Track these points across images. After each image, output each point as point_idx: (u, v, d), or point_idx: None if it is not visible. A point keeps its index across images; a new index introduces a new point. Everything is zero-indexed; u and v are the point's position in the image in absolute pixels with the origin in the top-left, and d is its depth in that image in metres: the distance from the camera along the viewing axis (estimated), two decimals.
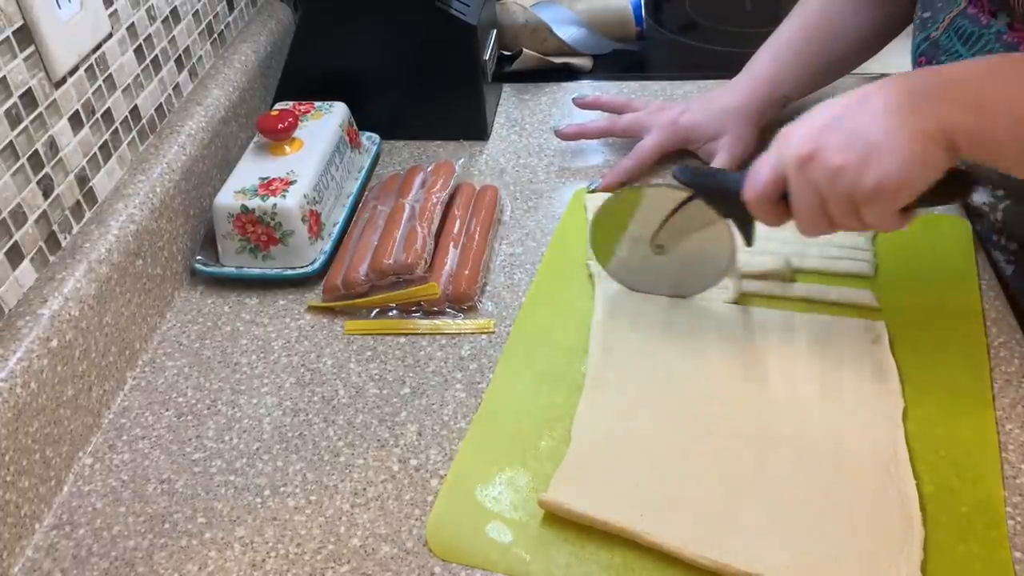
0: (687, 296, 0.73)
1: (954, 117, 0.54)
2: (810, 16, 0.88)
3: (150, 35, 0.82)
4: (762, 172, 0.61)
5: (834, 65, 0.90)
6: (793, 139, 0.59)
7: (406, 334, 0.74)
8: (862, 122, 0.56)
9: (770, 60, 0.89)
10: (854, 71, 0.93)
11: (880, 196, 0.56)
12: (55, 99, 0.68)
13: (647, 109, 0.92)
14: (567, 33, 1.10)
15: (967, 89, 0.55)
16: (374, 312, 0.76)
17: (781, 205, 0.61)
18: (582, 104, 0.95)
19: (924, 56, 0.72)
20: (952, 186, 0.57)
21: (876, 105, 0.56)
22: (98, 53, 0.74)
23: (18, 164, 0.64)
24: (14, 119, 0.64)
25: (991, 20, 0.65)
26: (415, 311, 0.76)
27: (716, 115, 0.88)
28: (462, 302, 0.75)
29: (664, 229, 0.69)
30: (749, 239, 0.66)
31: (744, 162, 0.88)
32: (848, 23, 0.87)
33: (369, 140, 0.96)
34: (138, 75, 0.80)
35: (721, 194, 0.65)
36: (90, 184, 0.73)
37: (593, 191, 0.87)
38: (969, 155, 0.55)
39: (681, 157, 0.90)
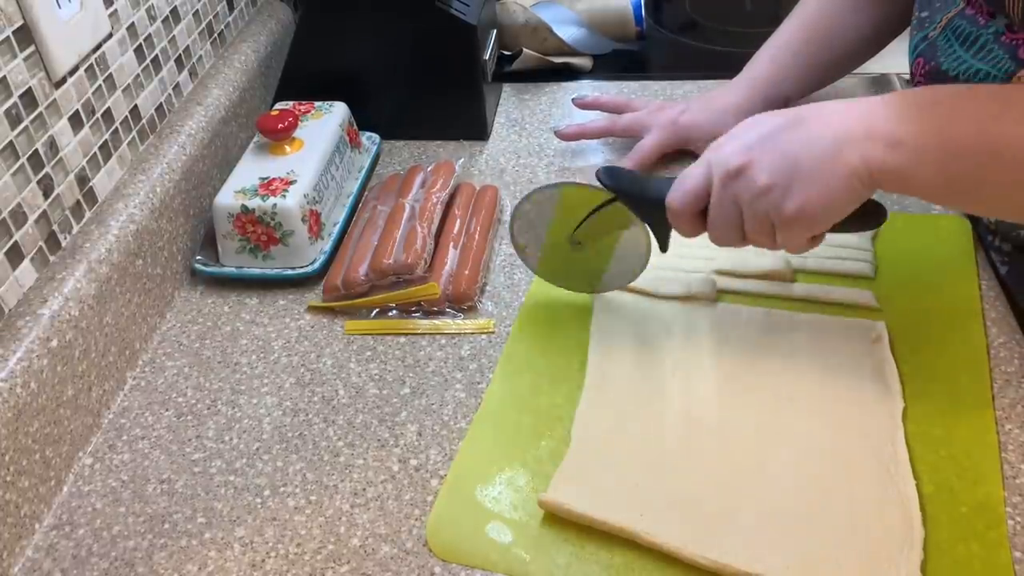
0: (596, 293, 0.74)
1: (878, 155, 0.55)
2: (810, 17, 0.88)
3: (150, 35, 0.82)
4: (688, 182, 0.61)
5: (834, 66, 0.90)
6: (724, 151, 0.60)
7: (406, 334, 0.74)
8: (794, 147, 0.57)
9: (769, 61, 0.89)
10: (854, 71, 0.93)
11: (798, 222, 0.57)
12: (55, 99, 0.68)
13: (647, 109, 0.92)
14: (567, 33, 1.10)
15: (895, 126, 0.55)
16: (374, 312, 0.76)
17: (699, 216, 0.62)
18: (582, 104, 0.95)
19: (922, 57, 0.72)
20: (866, 216, 0.60)
21: (811, 132, 0.57)
22: (98, 53, 0.74)
23: (18, 164, 0.64)
24: (14, 119, 0.64)
25: (989, 20, 0.65)
26: (415, 311, 0.76)
27: (716, 115, 0.88)
28: (462, 302, 0.75)
29: (583, 227, 0.69)
30: (664, 245, 0.67)
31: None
32: (848, 24, 0.87)
33: (369, 140, 0.96)
34: (138, 75, 0.80)
35: (642, 199, 0.65)
36: (90, 184, 0.73)
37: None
38: (892, 190, 0.57)
39: (682, 157, 0.91)
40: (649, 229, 0.67)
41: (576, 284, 0.75)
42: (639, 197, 0.66)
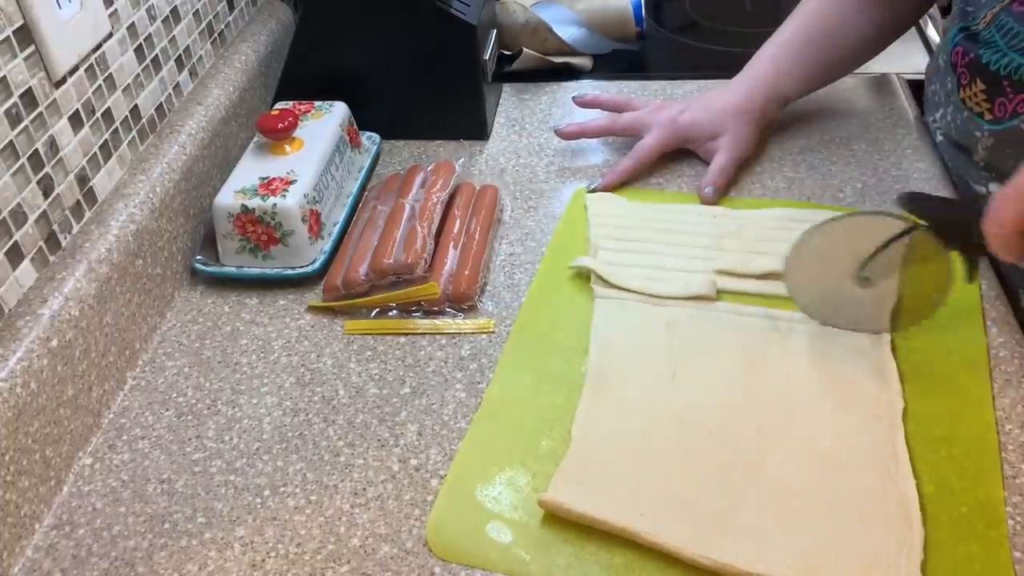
0: (888, 333, 0.67)
1: None
2: (810, 17, 0.88)
3: (150, 35, 0.82)
4: (1013, 202, 0.55)
5: (834, 66, 0.90)
6: None
7: (406, 334, 0.74)
8: None
9: (769, 61, 0.89)
10: (855, 71, 0.94)
11: None
12: (55, 99, 0.68)
13: (647, 108, 0.92)
14: (567, 33, 1.10)
15: None
16: (374, 312, 0.76)
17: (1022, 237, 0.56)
18: (582, 103, 0.95)
19: (961, 47, 0.71)
20: None
21: None
22: (98, 53, 0.74)
23: (18, 164, 0.64)
24: (14, 119, 0.64)
25: None
26: (415, 311, 0.76)
27: (716, 114, 0.88)
28: (462, 302, 0.75)
29: (875, 260, 0.63)
30: (972, 275, 0.61)
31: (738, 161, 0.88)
32: (849, 24, 0.87)
33: (369, 140, 0.96)
34: (138, 75, 0.80)
35: (951, 224, 0.60)
36: (90, 184, 0.73)
37: (593, 191, 0.87)
38: None
39: (682, 156, 0.91)
40: (958, 258, 0.60)
41: (859, 323, 0.68)
42: (947, 223, 0.60)
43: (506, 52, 1.09)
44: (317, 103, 0.91)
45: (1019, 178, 0.56)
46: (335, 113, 0.89)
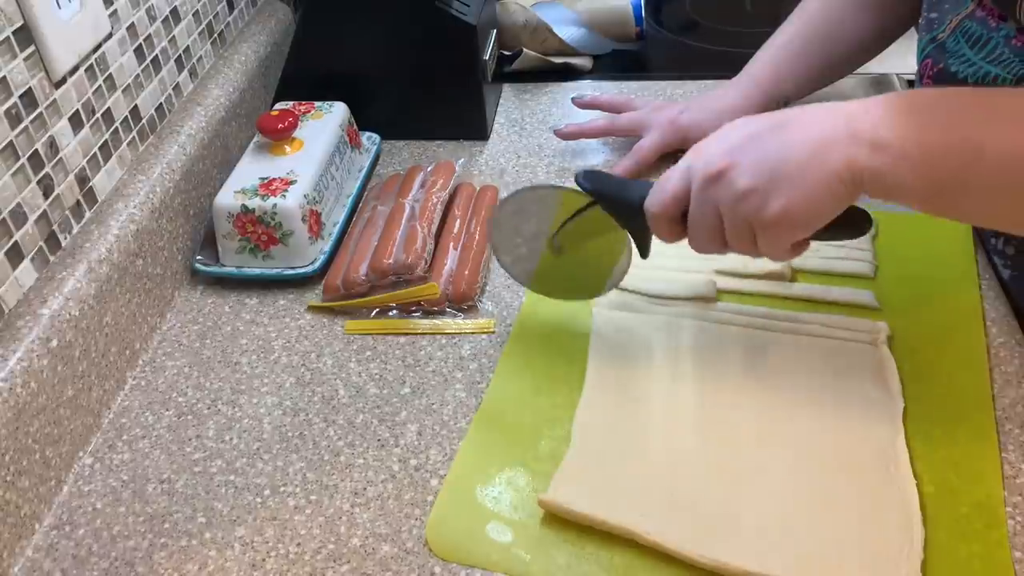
0: (578, 299, 0.72)
1: (862, 158, 0.53)
2: (810, 17, 0.88)
3: (150, 35, 0.82)
4: (668, 186, 0.60)
5: (834, 66, 0.90)
6: (704, 154, 0.58)
7: (406, 334, 0.74)
8: (776, 149, 0.55)
9: (769, 61, 0.89)
10: (854, 71, 0.93)
11: (779, 227, 0.55)
12: (55, 99, 0.68)
13: (646, 108, 0.92)
14: (567, 33, 1.10)
15: (881, 128, 0.53)
16: (374, 312, 0.76)
17: (679, 221, 0.60)
18: (581, 104, 0.95)
19: (930, 58, 0.71)
20: (850, 223, 0.57)
21: (794, 134, 0.55)
22: (98, 53, 0.74)
23: (18, 164, 0.64)
24: (14, 119, 0.64)
25: (1000, 23, 0.64)
26: (415, 311, 0.76)
27: (715, 115, 0.88)
28: (462, 302, 0.75)
29: (563, 231, 0.67)
30: (645, 251, 0.65)
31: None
32: (848, 25, 0.87)
33: (369, 140, 0.96)
34: (138, 75, 0.80)
35: (621, 204, 0.64)
36: (90, 184, 0.73)
37: None
38: (876, 196, 0.54)
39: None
40: (630, 234, 0.65)
41: (557, 291, 0.73)
42: (618, 201, 0.64)
43: (506, 52, 1.09)
44: (317, 103, 0.91)
45: (681, 161, 0.59)
46: (335, 113, 0.89)
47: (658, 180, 0.61)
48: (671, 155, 0.90)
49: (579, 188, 0.65)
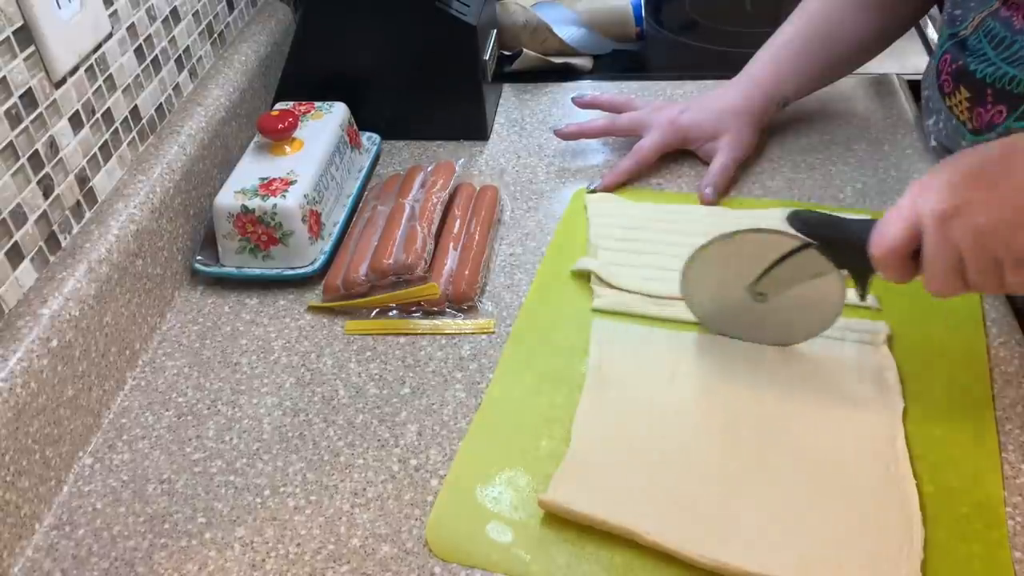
0: (785, 345, 0.68)
1: None
2: (810, 17, 0.88)
3: (150, 35, 0.82)
4: (894, 226, 0.56)
5: (834, 66, 0.90)
6: (932, 192, 0.54)
7: (406, 334, 0.74)
8: (1012, 178, 0.52)
9: (769, 61, 0.89)
10: (855, 71, 0.93)
11: None
12: (55, 99, 0.68)
13: (646, 108, 0.92)
14: (567, 33, 1.10)
15: None
16: (374, 312, 0.76)
17: (912, 261, 0.57)
18: (581, 103, 0.95)
19: (949, 54, 0.70)
20: None
21: None
22: (98, 53, 0.74)
23: (18, 164, 0.64)
24: (14, 119, 0.64)
25: None
26: (415, 311, 0.76)
27: (715, 115, 0.88)
28: (462, 302, 0.75)
29: (768, 277, 0.64)
30: (863, 293, 0.62)
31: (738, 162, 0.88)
32: (848, 25, 0.87)
33: (369, 140, 0.96)
34: (138, 75, 0.80)
35: (840, 244, 0.60)
36: (90, 184, 0.73)
37: (593, 191, 0.87)
38: None
39: (682, 157, 0.91)
40: (848, 276, 0.61)
41: (758, 335, 0.69)
42: (838, 242, 0.60)
43: (506, 52, 1.09)
44: (317, 103, 0.91)
45: (903, 201, 0.56)
46: (335, 113, 0.89)
47: (881, 219, 0.57)
48: (671, 155, 0.90)
49: (786, 229, 0.61)
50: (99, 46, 0.74)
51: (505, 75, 1.08)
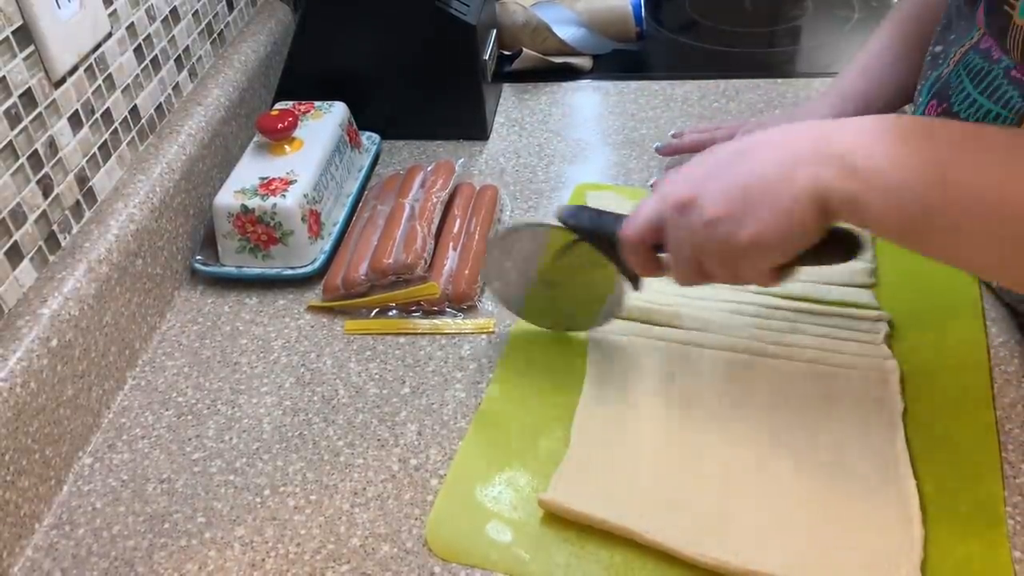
0: (573, 331, 0.71)
1: (828, 178, 0.50)
2: (903, 26, 0.82)
3: (150, 35, 0.82)
4: (639, 217, 0.58)
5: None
6: (678, 182, 0.56)
7: (406, 334, 0.74)
8: (745, 173, 0.53)
9: (859, 75, 0.83)
10: None
11: (754, 252, 0.53)
12: (55, 99, 0.68)
13: (744, 127, 0.86)
14: (567, 33, 1.10)
15: (851, 150, 0.50)
16: (374, 312, 0.76)
17: (656, 255, 0.58)
18: (665, 152, 0.90)
19: (935, 98, 0.66)
20: (837, 247, 0.55)
21: (762, 156, 0.53)
22: (98, 53, 0.74)
23: (18, 164, 0.64)
24: (14, 119, 0.64)
25: (1002, 55, 0.60)
26: (415, 311, 0.76)
27: None
28: (462, 302, 0.75)
29: (552, 267, 0.66)
30: (636, 284, 0.63)
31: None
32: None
33: (369, 140, 0.96)
34: (138, 75, 0.80)
35: (602, 238, 0.62)
36: (90, 184, 0.73)
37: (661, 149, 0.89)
38: (847, 221, 0.51)
39: (683, 157, 0.90)
40: (617, 268, 0.63)
41: (547, 321, 0.72)
42: (598, 235, 0.62)
43: (506, 52, 1.09)
44: (317, 103, 0.91)
45: (655, 191, 0.57)
46: (335, 113, 0.89)
47: (633, 212, 0.59)
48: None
49: (563, 224, 0.63)
50: (99, 46, 0.74)
51: (505, 75, 1.08)
